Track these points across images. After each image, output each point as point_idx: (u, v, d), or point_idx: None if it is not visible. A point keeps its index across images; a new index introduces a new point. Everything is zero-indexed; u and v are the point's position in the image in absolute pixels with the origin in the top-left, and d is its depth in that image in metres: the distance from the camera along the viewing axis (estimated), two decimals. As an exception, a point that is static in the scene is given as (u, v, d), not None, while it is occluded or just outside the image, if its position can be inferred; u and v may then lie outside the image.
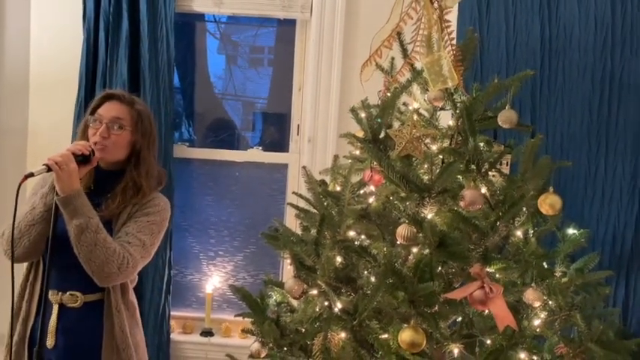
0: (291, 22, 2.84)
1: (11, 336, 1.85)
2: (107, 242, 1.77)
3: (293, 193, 2.01)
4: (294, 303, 1.97)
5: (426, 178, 1.72)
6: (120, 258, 1.77)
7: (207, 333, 2.85)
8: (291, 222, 2.68)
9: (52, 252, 1.74)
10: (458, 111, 1.72)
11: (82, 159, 1.79)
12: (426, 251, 1.60)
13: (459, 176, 1.71)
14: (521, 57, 2.26)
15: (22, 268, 1.95)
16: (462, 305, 1.60)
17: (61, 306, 1.87)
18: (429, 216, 1.64)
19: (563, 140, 2.27)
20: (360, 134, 1.86)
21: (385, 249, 1.65)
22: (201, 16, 2.98)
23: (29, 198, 1.92)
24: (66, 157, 1.74)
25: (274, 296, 2.02)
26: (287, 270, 2.87)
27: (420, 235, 1.59)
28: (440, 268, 1.64)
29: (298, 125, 2.84)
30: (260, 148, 2.96)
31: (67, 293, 1.87)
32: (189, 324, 2.91)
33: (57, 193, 1.75)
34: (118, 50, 2.66)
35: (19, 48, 2.80)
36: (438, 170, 1.69)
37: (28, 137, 2.83)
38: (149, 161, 1.95)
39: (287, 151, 2.92)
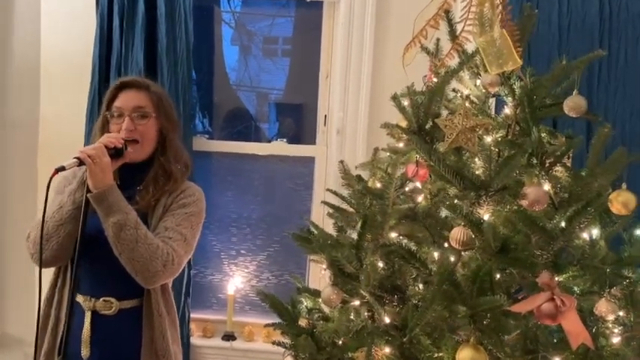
0: (311, 8, 2.63)
1: (37, 345, 1.72)
2: (149, 238, 1.64)
3: (327, 190, 1.83)
4: (326, 309, 1.80)
5: (478, 172, 1.53)
6: (164, 254, 1.64)
7: (229, 337, 2.69)
8: (318, 219, 2.51)
9: (80, 251, 1.60)
10: (517, 97, 1.52)
11: (115, 152, 1.66)
12: (480, 257, 1.41)
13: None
14: (576, 37, 2.04)
15: (49, 273, 1.81)
16: (525, 318, 1.41)
17: (94, 313, 1.74)
18: (485, 217, 1.45)
19: (625, 131, 2.05)
20: (402, 124, 1.68)
21: (436, 254, 1.46)
22: (216, 2, 2.80)
23: (54, 197, 1.77)
24: (99, 149, 1.61)
25: (304, 302, 1.86)
26: (313, 271, 2.70)
27: (477, 238, 1.40)
28: (497, 276, 1.45)
29: (325, 116, 2.65)
30: (284, 140, 2.78)
31: (101, 299, 1.74)
32: (210, 327, 2.75)
33: (88, 190, 1.62)
34: (134, 36, 2.49)
35: (29, 36, 2.65)
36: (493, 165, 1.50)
37: (39, 130, 2.69)
38: (175, 144, 1.84)
39: (308, 142, 2.74)
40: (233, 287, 2.74)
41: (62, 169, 1.56)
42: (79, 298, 1.75)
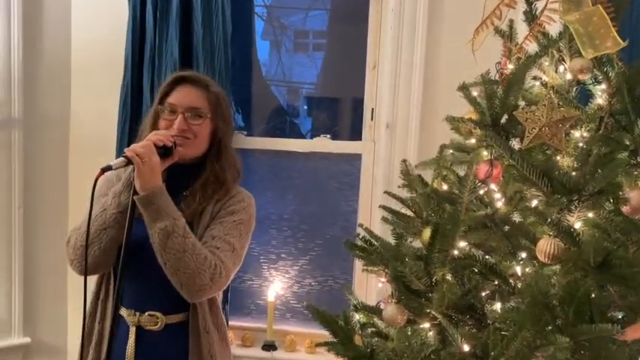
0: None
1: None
2: (197, 248, 1.49)
3: (385, 192, 1.63)
4: (381, 324, 1.61)
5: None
6: (212, 266, 1.50)
7: (270, 346, 2.53)
8: (365, 221, 2.33)
9: (125, 260, 1.44)
10: (613, 85, 1.30)
11: (164, 151, 1.51)
12: (571, 272, 1.20)
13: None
14: (664, 19, 1.80)
15: (89, 284, 1.66)
16: (628, 344, 1.20)
17: (139, 328, 1.60)
18: (576, 225, 1.24)
19: None
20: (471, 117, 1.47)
21: (519, 269, 1.26)
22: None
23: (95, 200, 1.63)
24: (148, 148, 1.47)
25: (356, 317, 1.67)
26: (358, 276, 2.51)
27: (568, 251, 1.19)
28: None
29: (372, 109, 2.45)
30: (328, 136, 2.59)
31: (146, 314, 1.60)
32: (249, 336, 2.59)
33: (135, 192, 1.47)
34: (168, 26, 2.33)
35: (59, 28, 2.52)
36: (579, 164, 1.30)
37: (70, 127, 2.56)
38: (230, 150, 1.69)
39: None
40: (273, 293, 2.57)
41: (109, 168, 1.41)
42: (123, 312, 1.61)
